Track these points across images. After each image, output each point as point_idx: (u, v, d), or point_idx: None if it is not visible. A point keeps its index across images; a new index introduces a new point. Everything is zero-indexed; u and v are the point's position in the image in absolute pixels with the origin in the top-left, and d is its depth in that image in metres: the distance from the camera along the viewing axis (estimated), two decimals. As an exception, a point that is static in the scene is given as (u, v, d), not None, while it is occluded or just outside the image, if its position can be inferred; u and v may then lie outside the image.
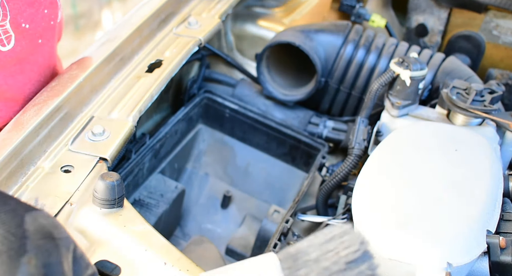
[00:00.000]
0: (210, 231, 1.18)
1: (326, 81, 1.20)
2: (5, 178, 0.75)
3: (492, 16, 1.32)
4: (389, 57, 1.16)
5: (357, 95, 1.19)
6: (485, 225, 0.73)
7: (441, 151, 0.84)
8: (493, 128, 0.96)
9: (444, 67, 1.14)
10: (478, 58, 1.37)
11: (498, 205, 0.77)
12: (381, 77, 1.00)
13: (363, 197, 0.78)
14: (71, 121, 0.88)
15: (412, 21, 1.42)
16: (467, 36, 1.37)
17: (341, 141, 1.17)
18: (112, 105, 0.92)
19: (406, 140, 0.88)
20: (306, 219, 0.99)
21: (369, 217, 0.75)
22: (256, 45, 1.33)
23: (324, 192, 1.02)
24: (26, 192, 0.76)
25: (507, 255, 0.71)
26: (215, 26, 1.12)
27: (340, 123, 1.19)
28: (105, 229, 0.73)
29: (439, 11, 1.38)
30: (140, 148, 1.04)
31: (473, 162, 0.82)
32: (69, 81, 0.89)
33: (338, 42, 1.18)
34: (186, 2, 1.17)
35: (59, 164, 0.81)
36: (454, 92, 0.97)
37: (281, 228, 0.91)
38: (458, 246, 0.69)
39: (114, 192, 0.73)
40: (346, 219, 0.96)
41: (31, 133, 0.80)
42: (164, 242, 0.73)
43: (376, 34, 1.21)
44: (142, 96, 0.94)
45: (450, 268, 0.67)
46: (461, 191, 0.76)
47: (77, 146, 0.84)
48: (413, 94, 0.99)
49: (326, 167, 1.09)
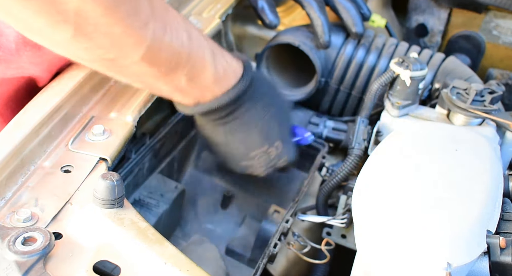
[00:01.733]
0: (210, 231, 1.18)
1: (326, 81, 1.20)
2: (5, 178, 0.75)
3: (492, 16, 1.32)
4: (389, 57, 1.16)
5: (357, 95, 1.19)
6: (485, 225, 0.72)
7: (441, 150, 0.84)
8: (493, 128, 0.96)
9: (444, 67, 1.14)
10: (478, 58, 1.37)
11: (498, 205, 0.77)
12: (381, 77, 1.00)
13: (363, 197, 0.78)
14: (71, 121, 0.88)
15: (412, 21, 1.42)
16: (467, 36, 1.37)
17: (341, 141, 1.17)
18: (112, 105, 0.92)
19: (406, 140, 0.88)
20: (306, 219, 0.99)
21: (369, 217, 0.75)
22: (256, 45, 1.33)
23: (324, 192, 1.02)
24: (26, 192, 0.76)
25: (507, 255, 0.71)
26: (215, 26, 1.12)
27: (340, 123, 1.19)
28: (105, 229, 0.73)
29: (439, 11, 1.38)
30: (140, 148, 1.04)
31: (473, 162, 0.82)
32: (69, 81, 0.89)
33: (338, 42, 1.18)
34: (186, 2, 1.17)
35: (59, 164, 0.81)
36: (454, 92, 0.97)
37: (281, 228, 0.91)
38: (458, 246, 0.69)
39: (114, 192, 0.73)
40: (346, 219, 0.96)
41: (31, 133, 0.80)
42: (164, 242, 0.73)
43: (376, 34, 1.21)
44: (142, 96, 0.94)
45: (450, 268, 0.67)
46: (461, 191, 0.76)
47: (77, 146, 0.84)
48: (413, 94, 0.99)
49: (326, 167, 1.09)
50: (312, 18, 1.16)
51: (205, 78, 0.84)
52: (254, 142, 0.95)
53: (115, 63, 0.74)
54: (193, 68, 0.82)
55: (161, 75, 0.79)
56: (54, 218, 0.73)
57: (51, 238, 0.67)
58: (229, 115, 0.91)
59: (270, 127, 0.95)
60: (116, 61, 0.73)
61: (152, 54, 0.74)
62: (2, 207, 0.74)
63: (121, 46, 0.71)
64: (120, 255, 0.71)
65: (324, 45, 1.16)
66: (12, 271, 0.63)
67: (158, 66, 0.77)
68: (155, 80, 0.81)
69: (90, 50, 0.70)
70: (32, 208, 0.74)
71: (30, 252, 0.65)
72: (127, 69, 0.76)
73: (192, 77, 0.83)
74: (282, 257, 1.07)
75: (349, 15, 1.16)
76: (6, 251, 0.64)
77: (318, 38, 1.15)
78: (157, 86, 0.83)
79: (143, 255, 0.71)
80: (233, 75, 0.88)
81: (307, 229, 1.09)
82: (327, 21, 1.16)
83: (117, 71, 0.79)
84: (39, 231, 0.68)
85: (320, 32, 1.15)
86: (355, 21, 1.16)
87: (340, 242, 1.02)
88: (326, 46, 1.16)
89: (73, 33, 0.65)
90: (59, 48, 0.71)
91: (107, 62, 0.74)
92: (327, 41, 1.16)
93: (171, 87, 0.83)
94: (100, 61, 0.74)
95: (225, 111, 0.90)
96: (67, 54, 0.73)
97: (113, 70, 0.78)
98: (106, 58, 0.72)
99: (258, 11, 1.17)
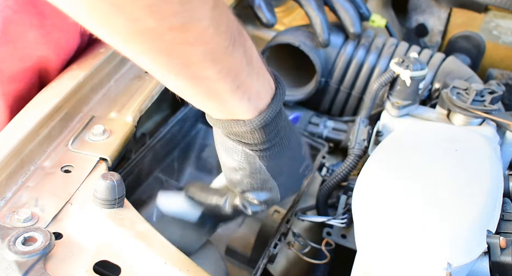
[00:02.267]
0: (210, 231, 1.17)
1: (326, 81, 1.20)
2: (5, 178, 0.75)
3: (492, 16, 1.32)
4: (389, 57, 1.16)
5: (357, 95, 1.19)
6: (485, 225, 0.72)
7: (441, 151, 0.84)
8: (493, 128, 0.96)
9: (444, 67, 1.14)
10: (478, 58, 1.37)
11: (498, 205, 0.77)
12: (381, 77, 1.00)
13: (363, 197, 0.78)
14: (71, 121, 0.88)
15: (412, 21, 1.42)
16: (467, 36, 1.37)
17: (341, 141, 1.17)
18: (112, 105, 0.92)
19: (406, 140, 0.88)
20: (306, 219, 0.99)
21: (369, 217, 0.75)
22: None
23: (324, 192, 1.02)
24: (26, 192, 0.76)
25: (507, 255, 0.71)
26: (215, 26, 1.12)
27: (340, 123, 1.19)
28: (105, 229, 0.73)
29: (439, 11, 1.38)
30: (140, 147, 1.04)
31: (473, 162, 0.82)
32: (69, 81, 0.89)
33: (338, 42, 1.18)
34: (186, 2, 1.17)
35: (59, 164, 0.81)
36: (454, 92, 0.97)
37: (281, 228, 0.91)
38: (458, 246, 0.69)
39: (114, 192, 0.73)
40: (346, 219, 0.96)
41: (31, 133, 0.80)
42: (164, 242, 0.73)
43: (376, 34, 1.21)
44: (142, 96, 0.94)
45: (450, 268, 0.67)
46: (461, 191, 0.76)
47: (77, 146, 0.84)
48: (413, 94, 0.99)
49: (326, 167, 1.09)
50: (311, 17, 1.15)
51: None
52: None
53: (181, 33, 0.55)
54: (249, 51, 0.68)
55: (227, 47, 0.62)
56: (54, 218, 0.73)
57: (51, 238, 0.67)
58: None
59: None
60: (183, 28, 0.55)
61: (219, 12, 0.59)
62: (2, 207, 0.74)
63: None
64: (120, 255, 0.71)
65: (323, 43, 1.16)
66: (12, 271, 0.63)
67: (225, 34, 0.61)
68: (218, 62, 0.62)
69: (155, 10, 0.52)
70: (32, 208, 0.74)
71: (30, 252, 0.65)
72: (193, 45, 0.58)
73: (251, 60, 0.69)
74: (282, 257, 1.07)
75: (347, 15, 1.16)
76: (6, 251, 0.64)
77: (317, 36, 1.15)
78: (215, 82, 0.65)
79: (143, 255, 0.71)
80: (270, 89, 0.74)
81: (307, 229, 1.09)
82: (326, 19, 1.15)
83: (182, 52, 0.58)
84: (39, 231, 0.68)
85: (319, 30, 1.15)
86: (353, 21, 1.16)
87: (340, 242, 1.02)
88: (325, 45, 1.16)
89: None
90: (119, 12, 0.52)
91: (173, 33, 0.55)
92: (326, 40, 1.15)
93: (232, 74, 0.66)
94: (166, 31, 0.54)
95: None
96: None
97: (177, 46, 0.57)
98: (172, 25, 0.54)
99: (255, 9, 1.17)
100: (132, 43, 0.57)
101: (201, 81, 0.64)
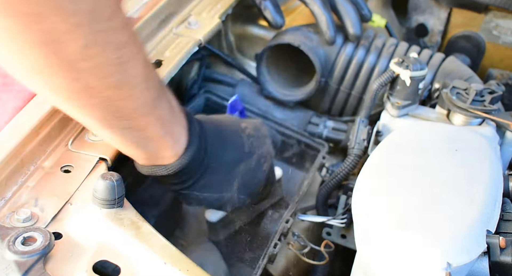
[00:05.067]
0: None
1: (326, 81, 1.20)
2: (5, 178, 0.75)
3: (492, 16, 1.32)
4: (389, 57, 1.16)
5: (357, 95, 1.19)
6: (485, 225, 0.73)
7: (441, 151, 0.84)
8: (493, 128, 0.97)
9: (444, 67, 1.14)
10: (478, 58, 1.37)
11: (498, 205, 0.77)
12: (381, 77, 1.00)
13: (363, 197, 0.78)
14: (71, 121, 0.88)
15: (412, 21, 1.42)
16: (467, 36, 1.37)
17: (341, 141, 1.17)
18: (112, 105, 0.92)
19: (406, 140, 0.88)
20: (306, 219, 0.99)
21: (369, 217, 0.75)
22: (256, 45, 1.33)
23: (324, 192, 1.02)
24: (26, 192, 0.76)
25: (507, 255, 0.71)
26: (215, 26, 1.12)
27: (340, 123, 1.19)
28: (105, 229, 0.73)
29: (439, 11, 1.38)
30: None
31: (473, 162, 0.82)
32: (69, 81, 0.89)
33: (338, 42, 1.18)
34: (186, 2, 1.17)
35: (59, 164, 0.81)
36: (454, 92, 0.98)
37: (281, 228, 0.91)
38: (458, 246, 0.69)
39: (114, 192, 0.73)
40: (346, 219, 0.96)
41: (31, 133, 0.80)
42: (164, 242, 0.73)
43: (376, 34, 1.21)
44: (142, 96, 0.93)
45: (450, 268, 0.67)
46: (461, 191, 0.76)
47: (77, 146, 0.84)
48: (413, 94, 0.99)
49: (326, 167, 1.09)
50: (316, 15, 1.15)
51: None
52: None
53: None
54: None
55: (155, 99, 0.70)
56: (54, 218, 0.73)
57: (51, 238, 0.67)
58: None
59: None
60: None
61: (149, 70, 0.68)
62: (2, 207, 0.74)
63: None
64: (120, 255, 0.71)
65: (329, 41, 1.16)
66: (12, 271, 0.63)
67: (153, 88, 0.69)
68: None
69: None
70: (32, 208, 0.74)
71: (30, 252, 0.65)
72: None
73: (173, 108, 0.76)
74: (282, 257, 1.07)
75: (348, 16, 1.16)
76: (6, 251, 0.64)
77: (323, 34, 1.15)
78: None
79: (143, 255, 0.71)
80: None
81: (307, 229, 1.09)
82: (331, 17, 1.16)
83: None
84: (39, 231, 0.67)
85: (325, 28, 1.15)
86: (353, 22, 1.16)
87: (340, 242, 1.02)
88: (331, 42, 1.16)
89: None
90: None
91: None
92: (332, 37, 1.15)
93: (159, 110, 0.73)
94: (105, 89, 0.62)
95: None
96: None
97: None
98: (110, 83, 0.62)
99: (263, 11, 1.17)
100: (73, 100, 0.63)
101: (132, 131, 0.72)
